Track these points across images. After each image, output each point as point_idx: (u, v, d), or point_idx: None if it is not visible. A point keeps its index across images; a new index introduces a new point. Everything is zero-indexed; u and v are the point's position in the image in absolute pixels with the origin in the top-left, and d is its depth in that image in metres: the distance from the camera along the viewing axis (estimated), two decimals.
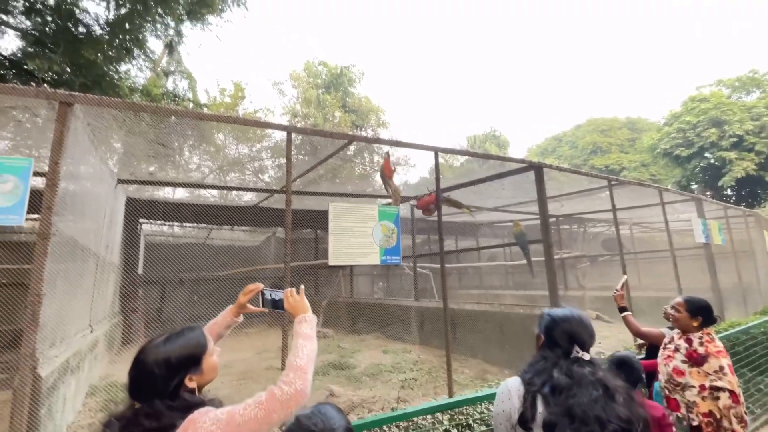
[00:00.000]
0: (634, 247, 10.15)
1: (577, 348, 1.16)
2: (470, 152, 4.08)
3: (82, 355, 3.49)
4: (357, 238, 3.04)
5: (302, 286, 1.31)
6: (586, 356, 1.16)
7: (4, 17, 6.13)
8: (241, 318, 1.36)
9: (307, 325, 1.12)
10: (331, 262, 2.96)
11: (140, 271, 8.56)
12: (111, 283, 5.23)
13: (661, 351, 2.10)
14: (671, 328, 2.30)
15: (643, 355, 2.84)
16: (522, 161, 4.39)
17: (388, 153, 3.99)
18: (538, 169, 4.51)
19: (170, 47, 8.45)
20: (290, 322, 1.24)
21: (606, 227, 11.33)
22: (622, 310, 2.52)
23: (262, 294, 1.35)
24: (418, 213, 7.96)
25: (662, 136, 20.39)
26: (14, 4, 6.09)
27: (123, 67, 7.10)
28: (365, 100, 17.78)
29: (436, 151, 3.65)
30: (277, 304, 1.32)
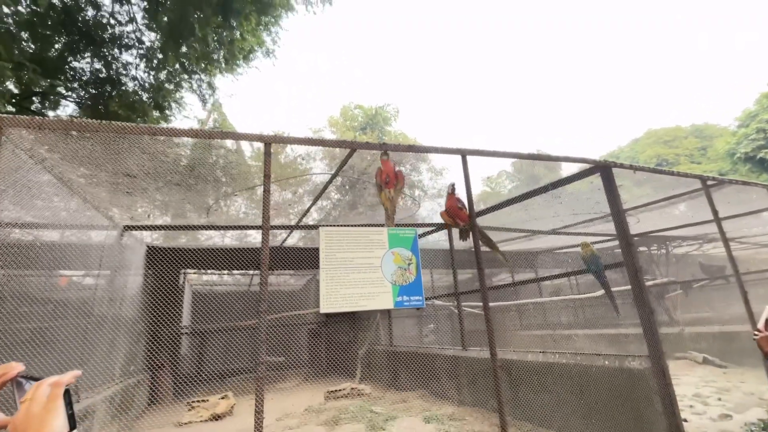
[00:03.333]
0: (736, 268, 8.15)
1: None
2: (508, 153, 3.16)
3: None
4: (360, 273, 2.20)
5: (69, 376, 0.63)
6: None
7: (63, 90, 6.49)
8: None
9: None
10: (324, 309, 2.11)
11: (185, 322, 8.31)
12: (123, 340, 4.76)
13: None
14: None
15: None
16: (583, 160, 3.36)
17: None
18: (605, 169, 3.47)
19: (203, 100, 8.64)
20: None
21: (696, 246, 9.37)
22: None
23: (17, 383, 0.68)
24: (462, 244, 6.97)
25: (739, 139, 17.72)
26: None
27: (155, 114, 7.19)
28: (401, 136, 17.57)
29: (463, 153, 2.83)
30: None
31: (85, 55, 6.43)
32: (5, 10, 5.26)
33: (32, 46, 5.74)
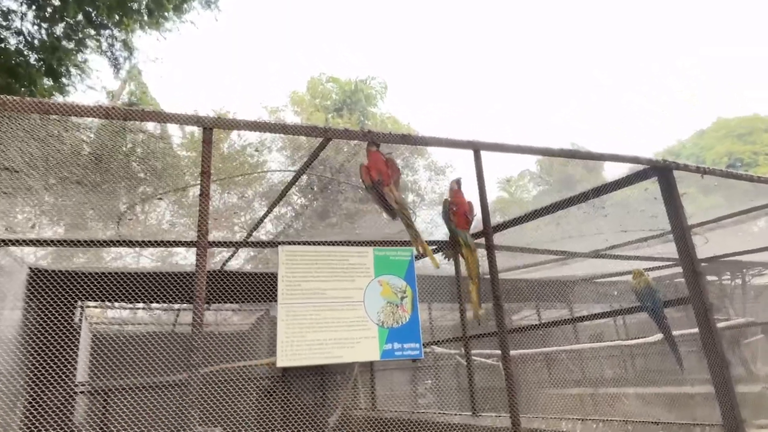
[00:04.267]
0: None
1: None
2: (535, 149, 3.23)
3: None
4: (334, 310, 2.20)
5: None
6: None
7: None
8: None
9: None
10: (282, 361, 2.09)
11: (82, 377, 8.05)
12: None
13: None
14: None
15: None
16: (635, 159, 3.48)
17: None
18: (663, 172, 3.58)
19: (116, 65, 8.56)
20: None
21: None
22: None
23: None
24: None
25: None
26: None
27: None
28: (390, 120, 17.75)
29: (477, 148, 2.91)
30: None
31: None
32: None
33: None
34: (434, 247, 5.40)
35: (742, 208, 5.80)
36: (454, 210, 3.26)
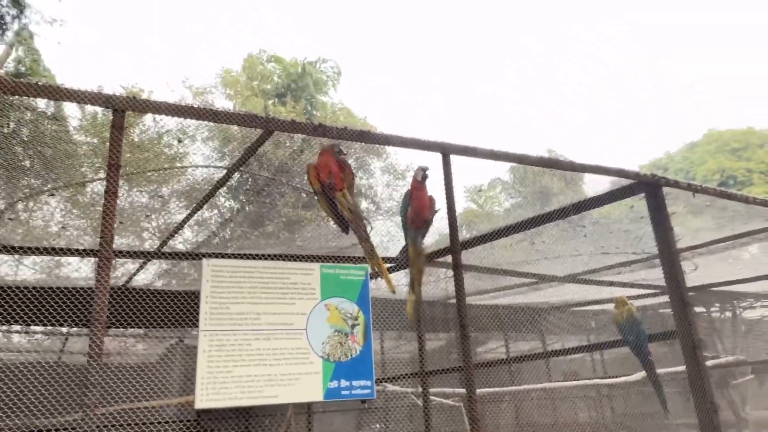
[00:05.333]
0: None
1: None
2: (512, 155, 3.35)
3: None
4: (269, 339, 2.18)
5: None
6: None
7: None
8: None
9: None
10: (201, 401, 2.04)
11: None
12: None
13: None
14: None
15: None
16: (621, 173, 3.66)
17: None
18: (652, 188, 3.79)
19: (1, 26, 8.17)
20: None
21: None
22: None
23: None
24: (431, 291, 7.07)
25: None
26: None
27: None
28: (344, 112, 17.84)
29: (446, 151, 2.98)
30: None
31: None
32: None
33: None
34: (390, 265, 5.44)
35: (735, 231, 6.15)
36: (412, 204, 3.30)
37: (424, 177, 3.43)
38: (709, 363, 8.94)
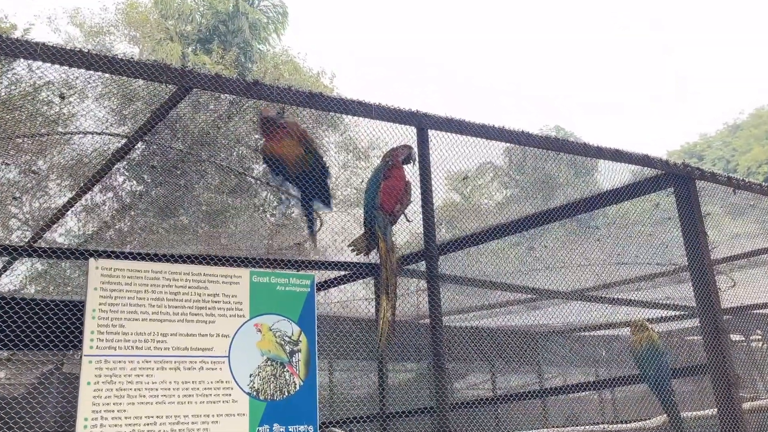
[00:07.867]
0: None
1: None
2: (510, 132, 3.40)
3: None
4: (179, 370, 2.20)
5: None
6: None
7: None
8: None
9: None
10: None
11: None
12: None
13: None
14: None
15: None
16: (646, 160, 3.72)
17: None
18: (682, 180, 3.87)
19: None
20: None
21: None
22: None
23: None
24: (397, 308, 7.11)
25: None
26: None
27: None
28: (289, 64, 17.83)
29: (422, 125, 3.01)
30: None
31: None
32: None
33: None
34: (342, 273, 5.46)
35: None
36: (387, 182, 3.36)
37: (408, 160, 3.48)
38: (746, 405, 9.26)
